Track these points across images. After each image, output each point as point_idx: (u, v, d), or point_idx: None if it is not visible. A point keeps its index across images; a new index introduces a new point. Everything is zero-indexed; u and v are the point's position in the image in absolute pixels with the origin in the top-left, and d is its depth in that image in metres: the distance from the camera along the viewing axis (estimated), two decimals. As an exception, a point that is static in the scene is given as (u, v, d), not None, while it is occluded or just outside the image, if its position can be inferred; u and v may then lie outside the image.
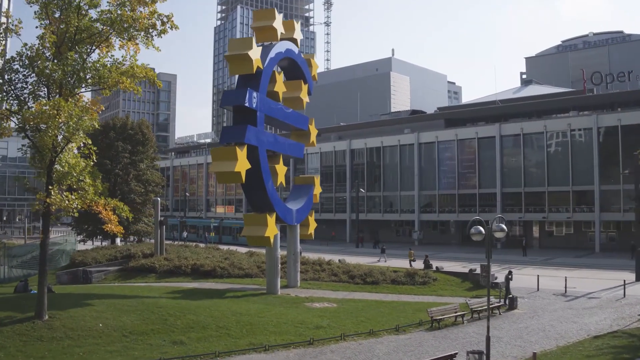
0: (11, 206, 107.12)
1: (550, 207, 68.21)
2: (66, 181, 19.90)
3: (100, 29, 19.77)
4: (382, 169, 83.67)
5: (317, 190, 35.14)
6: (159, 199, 45.12)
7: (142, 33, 20.13)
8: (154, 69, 20.90)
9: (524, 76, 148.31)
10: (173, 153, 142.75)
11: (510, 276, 31.51)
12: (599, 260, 56.18)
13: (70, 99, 18.92)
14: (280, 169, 29.92)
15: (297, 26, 33.17)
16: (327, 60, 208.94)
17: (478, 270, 35.97)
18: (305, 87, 33.70)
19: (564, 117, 69.83)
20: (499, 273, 38.27)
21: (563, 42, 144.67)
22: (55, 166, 19.85)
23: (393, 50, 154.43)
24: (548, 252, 63.06)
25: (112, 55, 20.82)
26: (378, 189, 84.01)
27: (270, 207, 28.30)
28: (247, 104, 26.09)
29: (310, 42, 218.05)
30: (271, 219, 27.67)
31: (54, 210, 20.46)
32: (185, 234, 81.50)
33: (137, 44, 20.47)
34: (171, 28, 20.36)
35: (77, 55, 19.78)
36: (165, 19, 20.16)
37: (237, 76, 28.92)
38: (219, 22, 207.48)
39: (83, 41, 19.62)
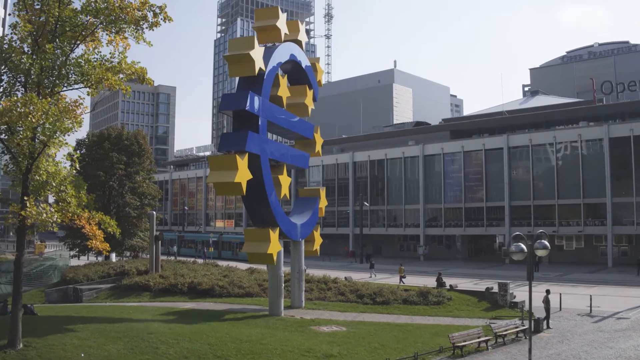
0: (5, 219, 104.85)
1: (561, 220, 65.96)
2: (44, 192, 17.57)
3: (84, 21, 17.53)
4: (386, 182, 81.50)
5: (323, 203, 32.80)
6: (154, 212, 42.78)
7: (132, 26, 17.90)
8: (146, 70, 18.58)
9: (526, 89, 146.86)
10: (172, 166, 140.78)
11: (548, 296, 28.72)
12: (614, 275, 53.93)
13: (49, 98, 16.66)
14: (284, 180, 27.57)
15: (302, 27, 30.99)
16: (328, 73, 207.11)
17: (495, 289, 33.57)
18: (310, 93, 31.43)
19: (574, 127, 67.75)
20: (515, 290, 35.96)
21: (568, 52, 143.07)
22: (33, 174, 17.48)
23: (395, 61, 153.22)
24: (559, 268, 60.69)
25: (99, 52, 18.57)
26: (382, 203, 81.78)
27: (273, 222, 25.92)
28: (248, 109, 23.79)
29: (311, 54, 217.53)
30: (274, 235, 25.30)
31: (29, 225, 18.13)
32: (175, 247, 79.15)
33: (126, 38, 18.27)
34: (164, 20, 18.16)
35: (59, 51, 17.56)
36: (157, 10, 17.96)
37: (237, 79, 26.71)
38: (219, 35, 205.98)
39: (65, 34, 17.38)
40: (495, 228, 71.92)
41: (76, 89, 17.60)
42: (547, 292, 28.95)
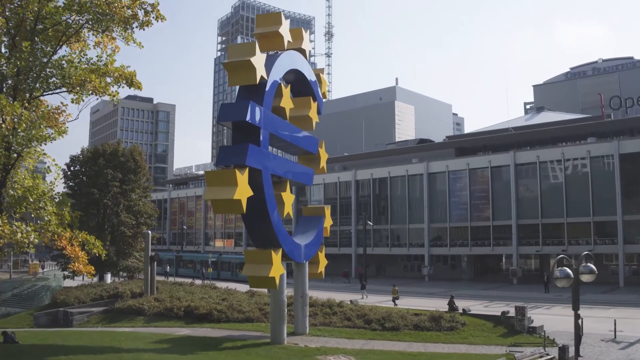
0: None
1: (570, 239, 63.95)
2: (20, 208, 15.63)
3: (68, 19, 15.75)
4: (389, 201, 79.60)
5: (328, 222, 30.85)
6: (149, 231, 40.80)
7: (121, 26, 16.13)
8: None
9: (528, 106, 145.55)
10: (171, 185, 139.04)
11: (580, 321, 26.58)
12: (629, 296, 51.98)
13: (26, 104, 14.82)
14: (287, 197, 25.64)
15: (306, 36, 29.23)
16: (329, 91, 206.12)
17: (511, 312, 31.54)
18: (314, 105, 29.60)
19: (582, 144, 66.05)
20: (531, 313, 33.91)
21: (571, 69, 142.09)
22: (7, 189, 15.55)
23: (397, 79, 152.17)
24: (568, 288, 58.50)
25: (85, 54, 16.77)
26: (385, 222, 79.82)
27: (276, 242, 23.96)
28: (249, 120, 21.93)
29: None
30: (277, 257, 23.32)
31: (2, 245, 16.19)
32: (167, 267, 77.17)
33: (114, 39, 16.49)
34: (157, 19, 16.37)
35: (39, 52, 15.77)
36: (149, 8, 16.19)
37: (236, 92, 24.91)
38: (219, 53, 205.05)
39: (46, 32, 15.58)
40: (502, 247, 69.99)
41: (56, 93, 15.77)
42: (578, 316, 26.88)
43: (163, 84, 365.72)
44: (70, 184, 48.76)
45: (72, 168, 48.97)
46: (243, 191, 20.95)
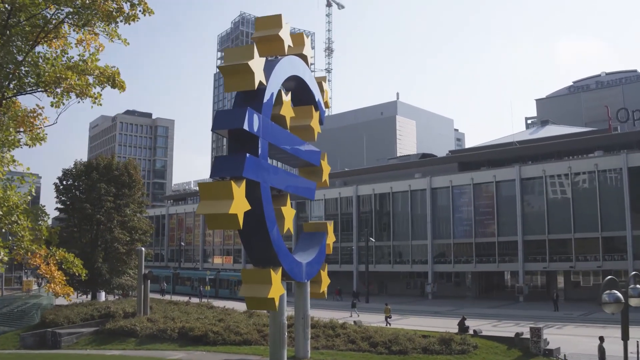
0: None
1: (578, 255, 62.30)
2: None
3: (44, 11, 14.12)
4: (392, 217, 77.99)
5: (331, 239, 29.08)
6: (143, 248, 39.03)
7: (104, 20, 14.50)
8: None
9: (530, 121, 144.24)
10: (169, 200, 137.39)
11: (603, 344, 24.88)
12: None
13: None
14: (288, 212, 23.91)
15: (308, 41, 27.64)
16: (329, 107, 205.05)
17: (526, 334, 29.73)
18: (316, 115, 27.95)
19: (590, 157, 64.48)
20: (546, 334, 32.08)
21: (574, 82, 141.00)
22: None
23: (398, 93, 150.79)
24: (578, 306, 56.79)
25: (66, 53, 15.14)
26: (387, 238, 78.12)
27: (275, 261, 22.21)
28: (246, 128, 20.25)
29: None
30: (276, 276, 21.56)
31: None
32: (164, 284, 75.40)
33: (96, 34, 14.86)
34: (144, 13, 14.75)
35: (14, 48, 14.16)
36: (135, 1, 14.57)
37: (234, 96, 23.32)
38: (218, 69, 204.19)
39: (21, 25, 13.94)
40: (507, 264, 68.31)
41: (30, 92, 14.09)
42: (601, 339, 25.18)
43: (162, 99, 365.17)
44: (63, 198, 47.08)
45: (64, 182, 47.31)
46: (240, 205, 19.24)
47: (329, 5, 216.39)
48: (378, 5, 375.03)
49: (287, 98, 24.49)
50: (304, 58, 27.17)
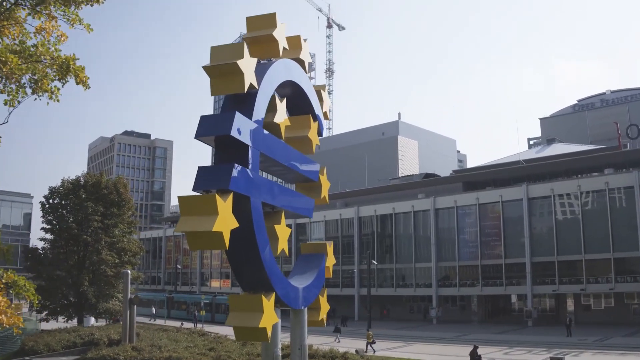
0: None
1: (588, 277, 59.90)
2: None
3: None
4: (394, 238, 75.62)
5: (331, 261, 26.44)
6: (128, 271, 36.46)
7: (62, 3, 12.30)
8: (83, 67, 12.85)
9: (532, 142, 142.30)
10: (167, 222, 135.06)
11: None
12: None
13: None
14: (282, 230, 21.36)
15: (305, 45, 25.29)
16: (329, 129, 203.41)
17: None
18: (314, 125, 25.47)
19: (600, 175, 62.27)
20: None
21: (579, 101, 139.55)
22: None
23: (399, 114, 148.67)
24: (590, 330, 54.20)
25: (23, 43, 12.94)
26: (390, 261, 75.65)
27: (268, 285, 19.64)
28: (233, 135, 17.83)
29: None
30: (269, 303, 18.97)
31: None
32: (153, 309, 73.00)
33: (54, 17, 12.66)
34: (104, -7, 12.57)
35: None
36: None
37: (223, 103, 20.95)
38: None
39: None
40: (515, 287, 65.82)
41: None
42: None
43: (160, 120, 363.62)
44: (49, 217, 44.72)
45: (50, 201, 44.96)
46: (226, 222, 16.76)
47: (329, 26, 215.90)
48: (379, 26, 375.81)
49: (282, 105, 22.12)
50: (301, 63, 24.85)
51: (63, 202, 44.82)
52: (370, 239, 78.25)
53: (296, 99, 25.08)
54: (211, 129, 18.52)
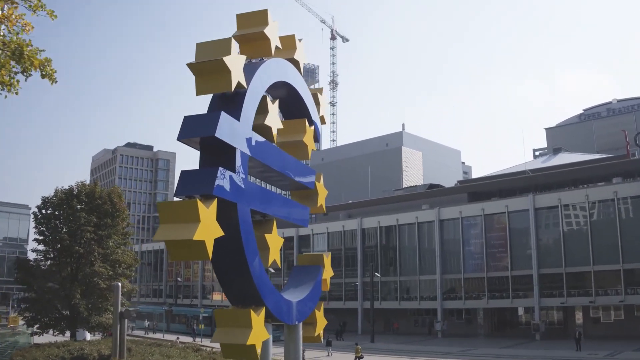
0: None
1: (597, 289, 58.39)
2: None
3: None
4: (398, 250, 74.23)
5: (328, 273, 24.97)
6: (119, 283, 35.01)
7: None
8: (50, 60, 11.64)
9: (537, 153, 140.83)
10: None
11: None
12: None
13: None
14: (273, 240, 19.96)
15: (300, 45, 23.99)
16: (333, 140, 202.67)
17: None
18: (310, 130, 24.06)
19: (608, 184, 60.89)
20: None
21: (585, 110, 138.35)
22: None
23: (403, 124, 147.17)
24: (600, 344, 52.58)
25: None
26: (394, 273, 74.21)
27: (257, 299, 18.24)
28: (219, 136, 16.55)
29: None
30: (258, 318, 17.59)
31: None
32: (146, 323, 71.76)
33: (15, 3, 11.45)
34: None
35: None
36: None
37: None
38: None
39: None
40: (522, 300, 64.35)
41: None
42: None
43: (163, 131, 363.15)
44: (42, 228, 43.44)
45: (43, 211, 43.70)
46: (208, 230, 15.40)
47: (333, 38, 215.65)
48: (382, 37, 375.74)
49: (273, 106, 20.78)
50: (295, 64, 23.54)
51: (56, 213, 43.55)
52: (373, 251, 76.95)
53: (291, 101, 23.77)
54: (195, 130, 17.18)
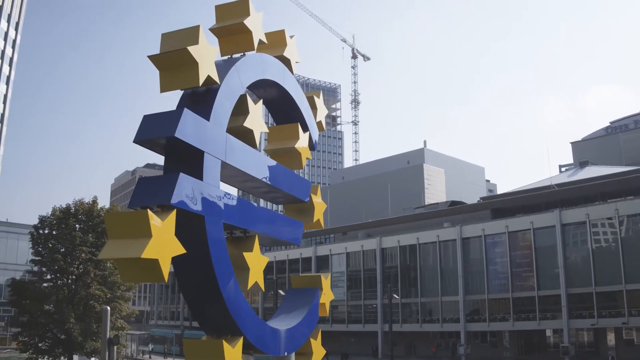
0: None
1: (630, 309, 55.27)
2: None
3: None
4: (419, 270, 71.53)
5: (327, 297, 22.07)
6: (107, 307, 32.70)
7: None
8: None
9: (564, 169, 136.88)
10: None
11: None
12: None
13: None
14: (254, 259, 17.26)
15: (292, 42, 21.44)
16: (356, 160, 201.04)
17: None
18: (304, 136, 21.33)
19: (639, 198, 57.59)
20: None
21: (612, 122, 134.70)
22: None
23: (425, 141, 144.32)
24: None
25: None
26: (414, 295, 71.39)
27: (233, 327, 15.56)
28: (180, 136, 13.94)
29: (338, 141, 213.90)
30: (232, 350, 14.86)
31: None
32: (150, 347, 70.10)
33: None
34: None
35: None
36: None
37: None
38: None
39: None
40: (550, 321, 61.25)
41: None
42: None
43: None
44: (39, 249, 41.57)
45: (40, 231, 41.86)
46: (163, 246, 12.76)
47: (354, 57, 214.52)
48: (403, 55, 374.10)
49: (256, 107, 18.17)
50: (286, 62, 20.98)
51: (54, 232, 41.66)
52: (394, 271, 74.27)
53: (282, 104, 21.12)
54: (152, 131, 14.65)
